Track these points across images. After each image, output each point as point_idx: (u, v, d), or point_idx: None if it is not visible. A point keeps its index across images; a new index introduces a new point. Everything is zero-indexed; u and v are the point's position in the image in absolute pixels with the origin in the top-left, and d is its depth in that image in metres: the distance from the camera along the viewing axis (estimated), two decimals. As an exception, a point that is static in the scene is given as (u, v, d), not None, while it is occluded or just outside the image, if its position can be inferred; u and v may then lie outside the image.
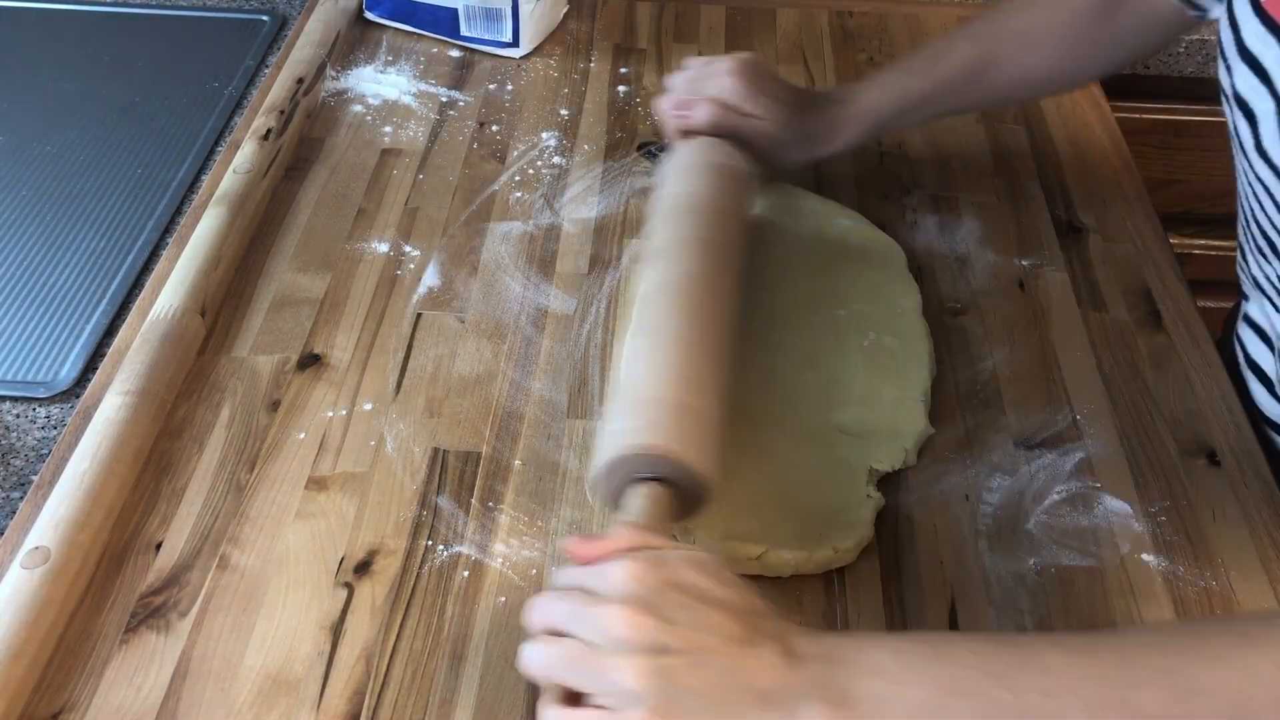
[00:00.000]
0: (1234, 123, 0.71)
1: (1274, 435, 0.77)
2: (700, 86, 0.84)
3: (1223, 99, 0.72)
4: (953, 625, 0.64)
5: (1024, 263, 0.88)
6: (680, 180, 0.79)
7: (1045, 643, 0.53)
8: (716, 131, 0.83)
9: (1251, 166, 0.69)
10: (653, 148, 0.97)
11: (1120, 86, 1.13)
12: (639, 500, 0.59)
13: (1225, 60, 0.71)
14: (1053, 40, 0.85)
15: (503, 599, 0.64)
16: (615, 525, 0.58)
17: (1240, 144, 0.71)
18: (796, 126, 0.85)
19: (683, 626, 0.49)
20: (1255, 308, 0.79)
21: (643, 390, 0.63)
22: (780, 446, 0.71)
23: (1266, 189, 0.68)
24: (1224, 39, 0.71)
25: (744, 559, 0.65)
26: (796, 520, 0.67)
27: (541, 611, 0.53)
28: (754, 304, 0.80)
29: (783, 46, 1.11)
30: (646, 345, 0.66)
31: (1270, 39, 0.67)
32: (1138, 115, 1.22)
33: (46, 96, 1.08)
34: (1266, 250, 0.72)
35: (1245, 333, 0.81)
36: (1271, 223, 0.69)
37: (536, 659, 0.52)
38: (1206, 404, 0.77)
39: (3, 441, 0.75)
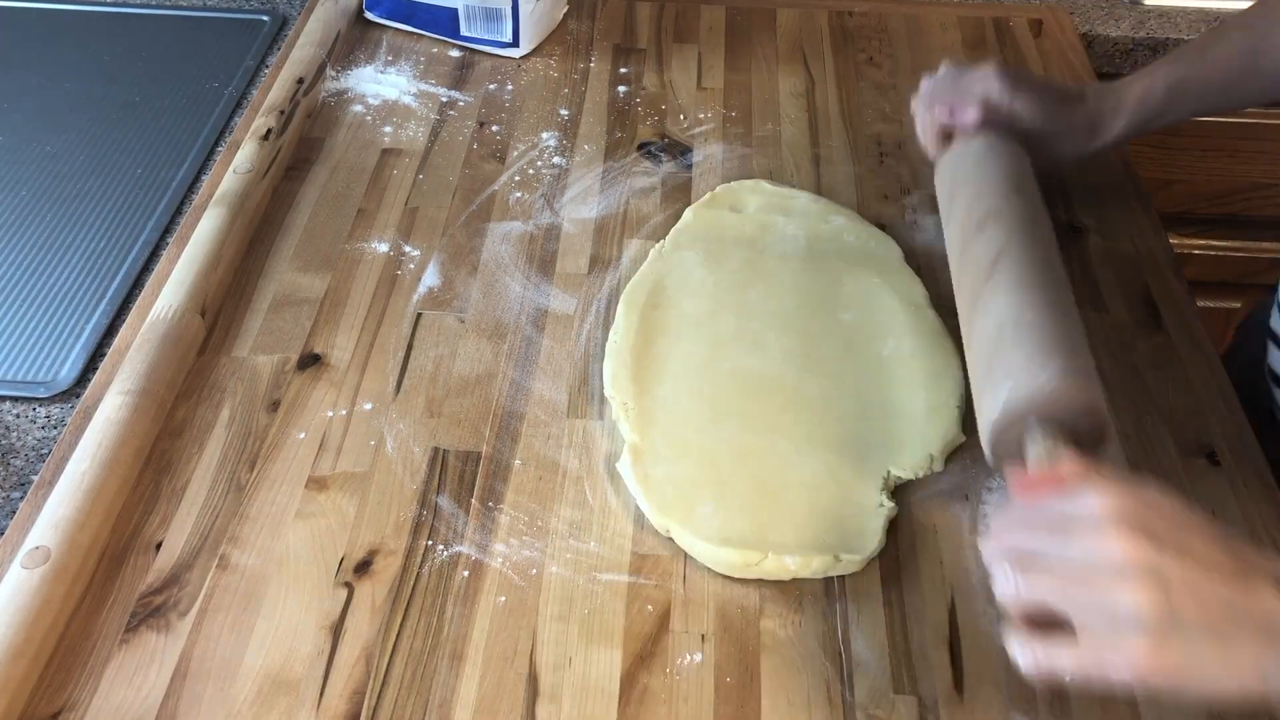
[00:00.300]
0: None
1: None
2: (964, 86, 0.84)
3: None
4: (952, 625, 0.64)
5: (1024, 263, 0.88)
6: (989, 170, 0.79)
7: None
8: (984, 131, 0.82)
9: None
10: (652, 147, 0.97)
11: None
12: (1043, 450, 0.57)
13: None
14: None
15: (503, 599, 0.64)
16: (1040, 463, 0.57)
17: None
18: (1062, 121, 0.84)
19: (1177, 552, 0.48)
20: None
21: (1055, 340, 0.62)
22: (783, 452, 0.71)
23: None
24: None
25: (739, 564, 0.65)
26: (797, 527, 0.67)
27: (1009, 541, 0.51)
28: (750, 307, 0.80)
29: (782, 46, 1.11)
30: (1028, 300, 0.66)
31: None
32: (1138, 115, 1.22)
33: (46, 96, 1.08)
34: None
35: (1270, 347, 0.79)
36: None
37: (1022, 586, 0.50)
38: (1206, 404, 0.77)
39: (3, 441, 0.75)
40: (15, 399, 0.77)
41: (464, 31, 1.08)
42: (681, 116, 1.01)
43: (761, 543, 0.65)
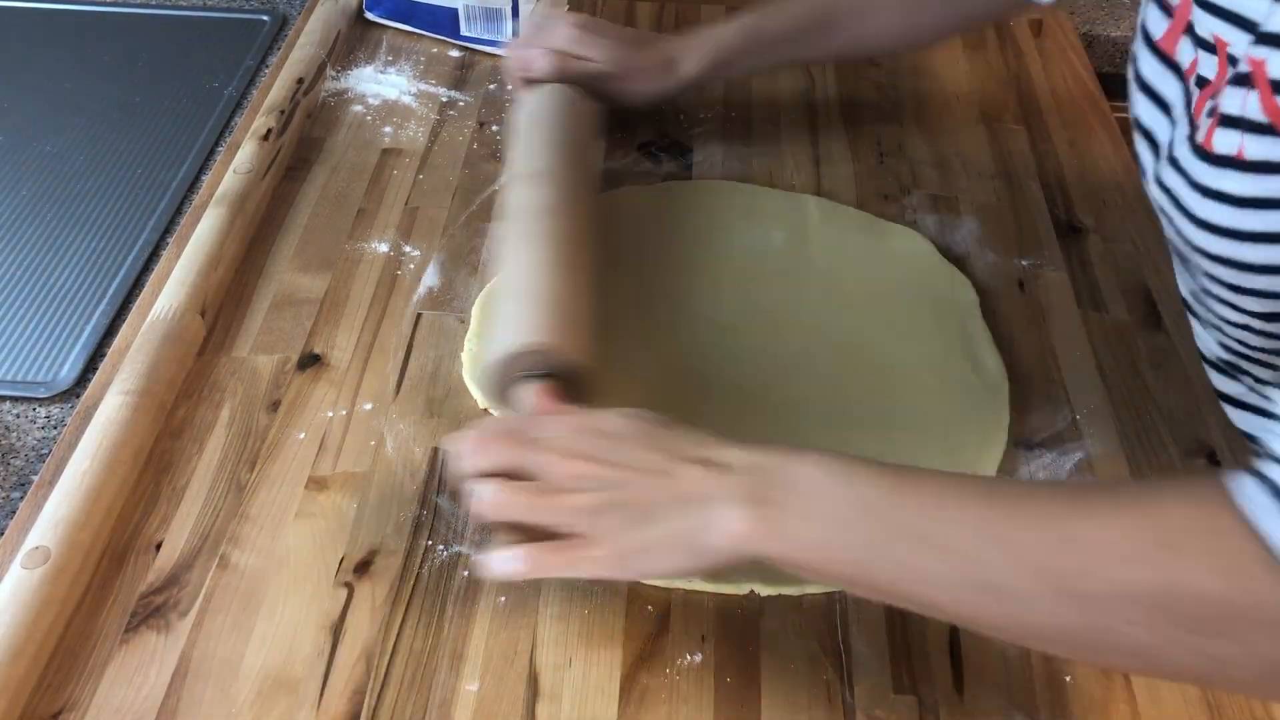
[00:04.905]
0: (1138, 151, 0.71)
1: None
2: (541, 38, 0.90)
3: (1133, 126, 0.72)
4: (953, 625, 0.64)
5: (1024, 263, 0.88)
6: (533, 124, 0.85)
7: (953, 480, 0.57)
8: (557, 78, 0.88)
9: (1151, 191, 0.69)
10: (653, 147, 0.97)
11: (1121, 87, 1.12)
12: (531, 395, 0.65)
13: (1131, 87, 0.71)
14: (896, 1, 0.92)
15: (503, 599, 0.64)
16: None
17: (1143, 170, 0.71)
18: (635, 62, 0.91)
19: (617, 464, 0.57)
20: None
21: (526, 294, 0.70)
22: None
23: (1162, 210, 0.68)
24: (1129, 70, 0.72)
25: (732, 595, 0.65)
26: None
27: (484, 456, 0.59)
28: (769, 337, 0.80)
29: (783, 46, 1.11)
30: (524, 258, 0.73)
31: (1168, 74, 0.66)
32: (1138, 115, 1.22)
33: (46, 96, 1.08)
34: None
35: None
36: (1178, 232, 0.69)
37: (499, 500, 0.58)
38: (1206, 404, 0.77)
39: (3, 441, 0.75)
40: (15, 399, 0.77)
41: (464, 31, 1.08)
42: (681, 116, 1.01)
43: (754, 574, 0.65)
